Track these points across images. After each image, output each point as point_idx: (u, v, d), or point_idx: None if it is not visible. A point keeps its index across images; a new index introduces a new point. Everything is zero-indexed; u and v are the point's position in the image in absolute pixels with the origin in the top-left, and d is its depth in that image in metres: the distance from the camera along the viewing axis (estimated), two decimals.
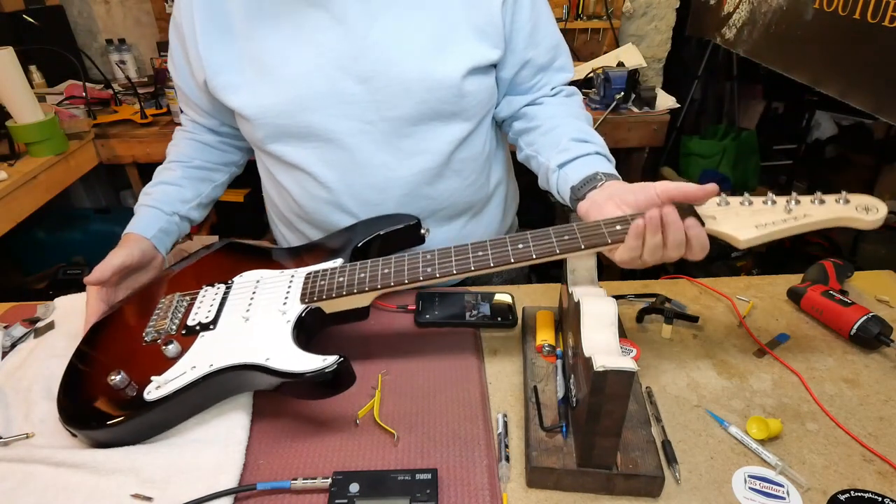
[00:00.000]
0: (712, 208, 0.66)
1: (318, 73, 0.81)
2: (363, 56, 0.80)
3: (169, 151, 1.01)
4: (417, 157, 0.87)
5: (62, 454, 0.64)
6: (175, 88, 0.98)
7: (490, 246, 0.68)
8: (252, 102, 0.84)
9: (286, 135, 0.85)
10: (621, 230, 0.66)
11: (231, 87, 0.85)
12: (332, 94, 0.82)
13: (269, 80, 0.82)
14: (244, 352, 0.67)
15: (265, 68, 0.82)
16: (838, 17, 1.46)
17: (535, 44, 0.88)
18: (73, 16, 2.43)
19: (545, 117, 0.91)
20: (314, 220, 0.93)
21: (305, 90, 0.82)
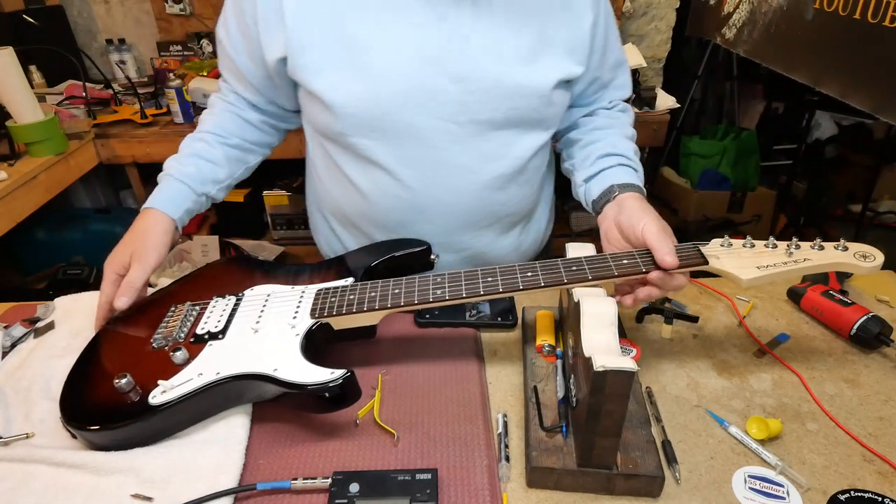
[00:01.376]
0: (716, 248, 0.69)
1: (414, 68, 0.79)
2: (461, 55, 0.79)
3: (204, 120, 0.94)
4: (496, 162, 0.86)
5: (62, 454, 0.64)
6: (224, 58, 0.90)
7: (500, 273, 0.70)
8: (339, 89, 0.79)
9: (369, 128, 0.81)
10: (628, 264, 0.68)
11: (316, 69, 0.79)
12: (426, 91, 0.79)
13: (360, 68, 0.78)
14: (252, 361, 0.67)
15: (358, 55, 0.78)
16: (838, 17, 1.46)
17: (604, 62, 0.91)
18: (73, 16, 2.43)
19: (588, 131, 0.94)
20: (383, 219, 0.90)
21: (399, 84, 0.79)
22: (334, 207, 0.97)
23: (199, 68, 2.28)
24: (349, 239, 0.99)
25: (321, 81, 0.80)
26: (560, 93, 0.86)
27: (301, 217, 2.38)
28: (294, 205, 2.35)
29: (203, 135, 0.92)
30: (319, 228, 1.05)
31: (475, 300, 0.71)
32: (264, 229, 2.46)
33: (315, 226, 1.07)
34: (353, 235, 0.97)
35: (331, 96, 0.80)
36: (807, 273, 0.68)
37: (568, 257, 0.72)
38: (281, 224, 2.39)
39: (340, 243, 1.00)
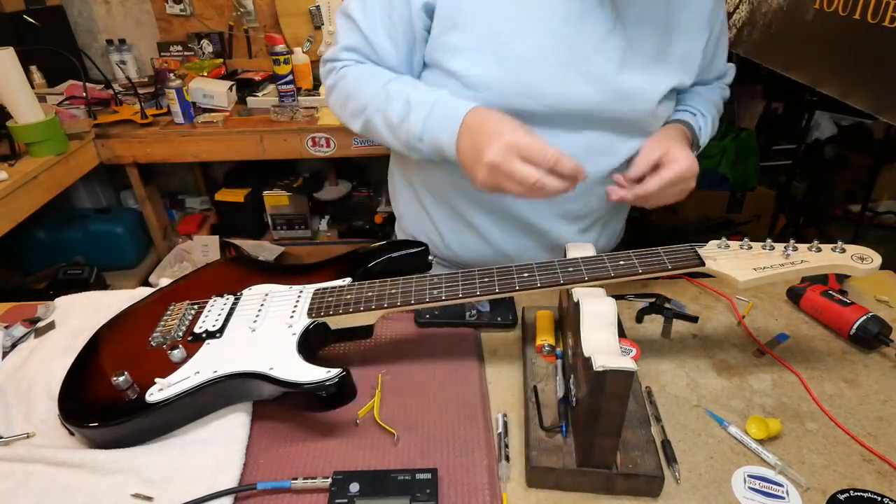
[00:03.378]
0: (713, 250, 0.69)
1: (551, 62, 0.78)
2: (597, 55, 0.79)
3: (359, 77, 0.85)
4: (605, 158, 0.87)
5: (62, 454, 0.64)
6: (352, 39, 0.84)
7: (496, 273, 0.70)
8: (477, 69, 0.78)
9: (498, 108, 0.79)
10: (625, 265, 0.68)
11: (455, 49, 0.79)
12: (560, 86, 0.80)
13: (498, 53, 0.78)
14: (249, 360, 0.68)
15: (499, 41, 0.78)
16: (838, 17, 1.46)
17: (709, 70, 0.96)
18: (73, 16, 2.43)
19: None
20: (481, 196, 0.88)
21: (536, 74, 0.79)
22: (431, 183, 0.94)
23: (200, 68, 2.28)
24: (441, 218, 0.96)
25: (459, 62, 0.79)
26: (667, 103, 0.88)
27: (301, 217, 2.38)
28: (294, 205, 2.35)
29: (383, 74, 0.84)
30: (410, 212, 1.01)
31: (472, 301, 0.71)
32: (264, 229, 2.46)
33: (404, 210, 1.04)
34: (446, 215, 0.95)
35: (472, 78, 0.78)
36: (804, 275, 0.68)
37: (566, 258, 0.72)
38: (281, 224, 2.40)
39: (431, 223, 0.98)
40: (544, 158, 0.67)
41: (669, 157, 0.78)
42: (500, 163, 0.68)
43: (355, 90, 0.84)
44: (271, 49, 2.07)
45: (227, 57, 2.46)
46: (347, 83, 0.85)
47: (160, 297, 0.84)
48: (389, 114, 0.79)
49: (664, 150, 0.79)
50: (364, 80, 0.83)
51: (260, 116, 2.08)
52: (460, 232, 0.96)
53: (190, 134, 2.00)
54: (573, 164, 0.69)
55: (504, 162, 0.68)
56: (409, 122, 0.77)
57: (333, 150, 2.02)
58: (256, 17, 2.38)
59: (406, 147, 0.81)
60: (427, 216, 0.98)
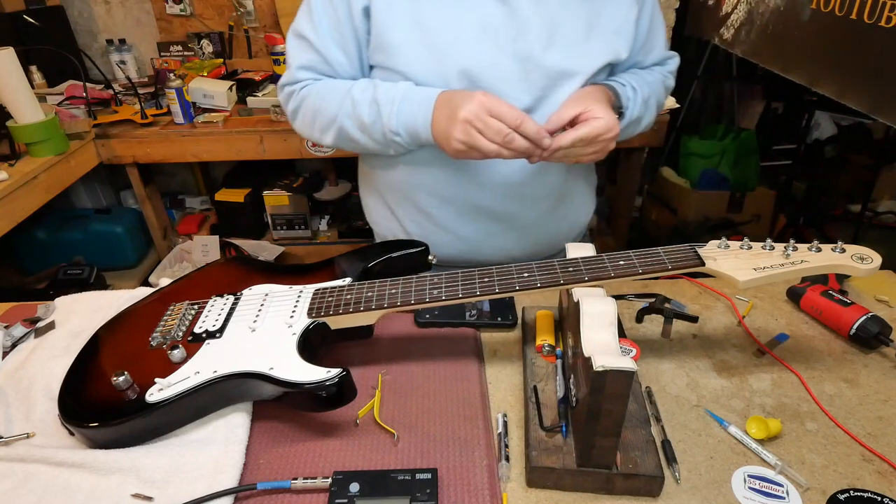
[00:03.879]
0: (713, 250, 0.69)
1: (481, 46, 0.82)
2: (521, 36, 0.82)
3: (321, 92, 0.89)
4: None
5: (63, 454, 0.64)
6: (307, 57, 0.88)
7: (496, 273, 0.70)
8: (415, 66, 0.82)
9: None
10: (625, 265, 0.68)
11: (397, 48, 0.83)
12: (492, 67, 0.82)
13: (431, 46, 0.82)
14: (249, 360, 0.68)
15: (429, 33, 0.82)
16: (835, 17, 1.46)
17: (646, 51, 0.95)
18: (73, 16, 2.43)
19: None
20: (438, 188, 0.91)
21: (468, 60, 0.81)
22: (395, 186, 0.97)
23: (200, 68, 2.28)
24: (407, 218, 0.99)
25: (398, 59, 0.83)
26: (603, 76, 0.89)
27: (301, 217, 2.38)
28: (294, 205, 2.35)
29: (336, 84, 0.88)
30: (377, 210, 1.05)
31: (472, 300, 0.71)
32: (264, 229, 2.46)
33: (371, 208, 1.07)
34: (412, 214, 0.98)
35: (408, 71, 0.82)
36: (804, 275, 0.68)
37: (566, 258, 0.72)
38: (281, 224, 2.40)
39: (400, 225, 1.01)
40: (512, 118, 0.72)
41: (588, 115, 0.77)
42: (474, 118, 0.73)
43: (320, 106, 0.88)
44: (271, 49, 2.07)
45: (227, 57, 2.46)
46: (311, 102, 0.89)
47: (160, 297, 0.84)
48: (360, 117, 0.84)
49: (583, 107, 0.77)
50: (326, 94, 0.87)
51: (260, 116, 2.07)
52: (426, 227, 0.97)
53: (190, 134, 2.00)
54: (537, 127, 0.74)
55: (477, 118, 0.73)
56: (383, 120, 0.82)
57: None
58: (256, 17, 2.38)
59: (383, 144, 0.86)
60: (396, 220, 1.01)
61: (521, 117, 0.72)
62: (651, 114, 0.95)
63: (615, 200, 2.51)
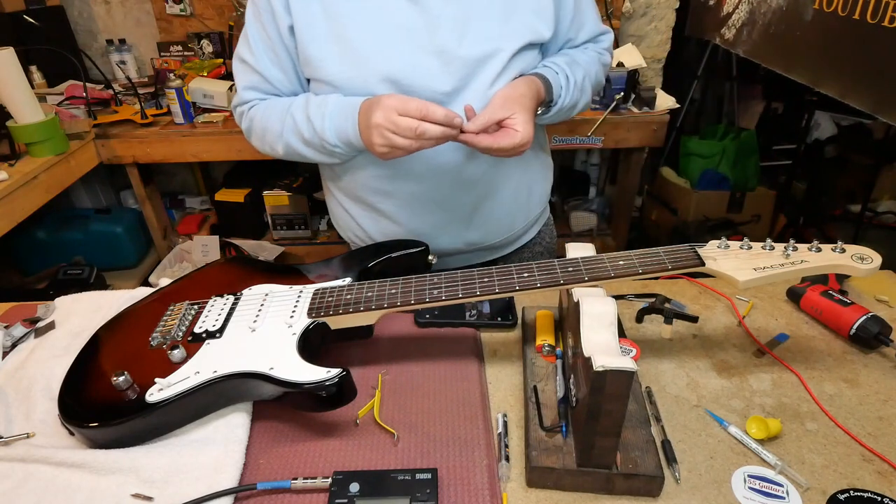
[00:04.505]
0: (713, 250, 0.69)
1: (397, 49, 0.84)
2: (435, 32, 0.84)
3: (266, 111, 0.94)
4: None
5: (63, 454, 0.64)
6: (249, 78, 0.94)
7: (496, 273, 0.70)
8: (339, 74, 0.86)
9: None
10: (625, 265, 0.68)
11: (320, 60, 0.86)
12: (412, 67, 0.84)
13: (350, 56, 0.85)
14: (249, 360, 0.68)
15: (347, 44, 0.85)
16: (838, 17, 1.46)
17: (575, 27, 0.96)
18: (73, 16, 2.43)
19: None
20: (400, 190, 0.94)
21: (387, 64, 0.84)
22: (345, 187, 1.01)
23: (200, 68, 2.28)
24: (359, 214, 1.01)
25: (323, 70, 0.86)
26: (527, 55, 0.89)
27: (301, 217, 2.38)
28: (294, 205, 2.35)
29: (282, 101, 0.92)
30: (337, 213, 1.09)
31: (472, 300, 0.71)
32: (264, 229, 2.46)
33: (333, 212, 1.11)
34: (362, 210, 1.00)
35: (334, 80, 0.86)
36: (804, 275, 0.68)
37: (566, 258, 0.72)
38: (281, 224, 2.40)
39: (353, 219, 1.03)
40: (417, 110, 0.75)
41: (511, 123, 0.79)
42: (384, 121, 0.76)
43: (266, 125, 0.92)
44: None
45: (227, 57, 2.46)
46: (258, 122, 0.94)
47: (160, 297, 0.84)
48: (301, 132, 0.88)
49: (510, 113, 0.80)
50: (270, 114, 0.92)
51: None
52: (380, 223, 0.99)
53: (190, 134, 2.00)
54: (443, 111, 0.75)
55: (387, 120, 0.76)
56: (319, 134, 0.86)
57: None
58: None
59: (327, 154, 0.89)
60: (349, 215, 1.04)
61: (425, 107, 0.75)
62: (587, 96, 0.96)
63: (615, 200, 2.51)
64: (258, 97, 0.95)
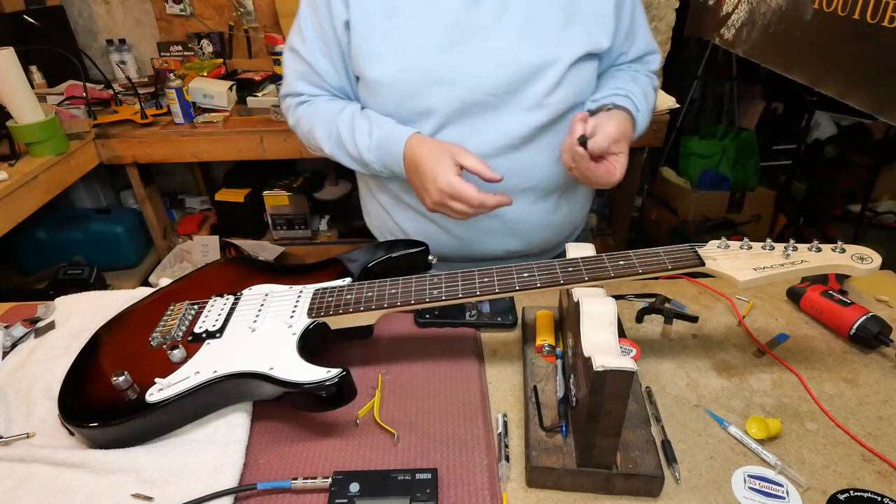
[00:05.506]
0: (713, 250, 0.69)
1: (451, 51, 0.84)
2: (493, 34, 0.83)
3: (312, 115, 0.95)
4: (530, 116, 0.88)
5: (63, 454, 0.64)
6: (298, 68, 0.95)
7: (496, 273, 0.70)
8: (388, 75, 0.86)
9: (405, 102, 0.87)
10: (625, 265, 0.68)
11: (373, 57, 0.86)
12: (464, 71, 0.84)
13: (402, 57, 0.85)
14: (249, 360, 0.68)
15: (400, 45, 0.85)
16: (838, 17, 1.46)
17: (629, 42, 0.96)
18: (73, 16, 2.43)
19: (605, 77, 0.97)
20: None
21: (439, 68, 0.84)
22: (382, 184, 1.01)
23: (200, 68, 2.28)
24: (404, 220, 1.01)
25: (374, 69, 0.87)
26: (585, 66, 0.89)
27: (301, 217, 2.38)
28: (294, 205, 2.35)
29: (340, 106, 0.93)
30: (374, 212, 1.08)
31: (472, 300, 0.71)
32: (264, 229, 2.46)
33: (368, 210, 1.11)
34: (408, 216, 1.00)
35: (383, 81, 0.87)
36: (804, 275, 0.68)
37: (566, 258, 0.72)
38: (281, 224, 2.40)
39: (393, 220, 1.03)
40: (470, 201, 0.78)
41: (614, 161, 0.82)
42: (439, 203, 0.81)
43: (312, 128, 0.95)
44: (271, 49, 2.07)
45: (227, 57, 2.46)
46: (304, 123, 0.96)
47: (160, 297, 0.84)
48: (348, 151, 0.91)
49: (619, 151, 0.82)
50: (315, 119, 0.94)
51: (260, 116, 2.07)
52: (418, 222, 0.99)
53: (190, 134, 2.00)
54: (496, 200, 0.79)
55: (441, 204, 0.81)
56: (365, 159, 0.89)
57: None
58: (256, 17, 2.38)
59: (372, 172, 0.92)
60: (387, 214, 1.03)
61: (479, 199, 0.78)
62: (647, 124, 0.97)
63: (615, 200, 2.51)
64: (307, 90, 0.96)
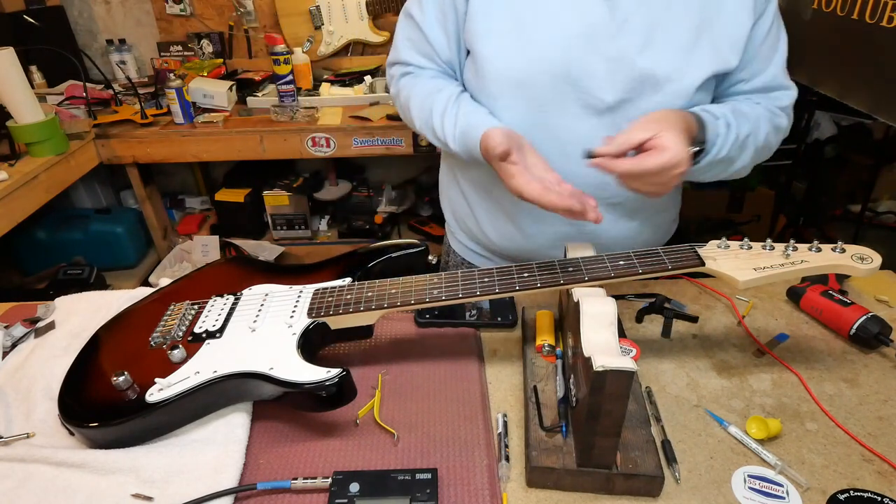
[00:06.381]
0: (713, 250, 0.69)
1: (572, 45, 0.79)
2: (620, 35, 0.78)
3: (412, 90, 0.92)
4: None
5: (63, 454, 0.64)
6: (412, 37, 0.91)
7: (496, 273, 0.70)
8: (500, 55, 0.82)
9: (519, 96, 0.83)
10: (625, 265, 0.68)
11: (487, 32, 0.82)
12: (578, 69, 0.79)
13: (520, 40, 0.81)
14: (249, 360, 0.68)
15: (522, 26, 0.80)
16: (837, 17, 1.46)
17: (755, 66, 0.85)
18: (73, 16, 2.43)
19: None
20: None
21: (557, 56, 0.79)
22: (474, 180, 0.98)
23: (200, 68, 2.28)
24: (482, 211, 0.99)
25: (487, 47, 0.83)
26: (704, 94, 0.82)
27: (301, 217, 2.38)
28: (294, 205, 2.35)
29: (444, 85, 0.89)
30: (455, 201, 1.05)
31: (472, 300, 0.71)
32: (264, 229, 2.46)
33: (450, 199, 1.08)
34: (487, 207, 0.98)
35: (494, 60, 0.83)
36: (804, 275, 0.68)
37: (566, 258, 0.72)
38: (281, 224, 2.40)
39: (472, 212, 1.01)
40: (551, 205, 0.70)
41: (656, 141, 0.68)
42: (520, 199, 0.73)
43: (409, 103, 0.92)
44: (271, 49, 2.07)
45: (227, 57, 2.46)
46: (403, 97, 0.94)
47: (160, 297, 0.84)
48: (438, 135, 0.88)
49: (654, 131, 0.68)
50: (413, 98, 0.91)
51: (260, 116, 2.08)
52: (496, 220, 0.97)
53: (190, 134, 2.01)
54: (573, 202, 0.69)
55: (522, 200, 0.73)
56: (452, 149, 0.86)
57: (333, 150, 2.02)
58: (256, 17, 2.38)
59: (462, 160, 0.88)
60: (467, 204, 1.01)
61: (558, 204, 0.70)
62: (748, 156, 0.83)
63: None
64: (415, 59, 0.92)
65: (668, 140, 0.67)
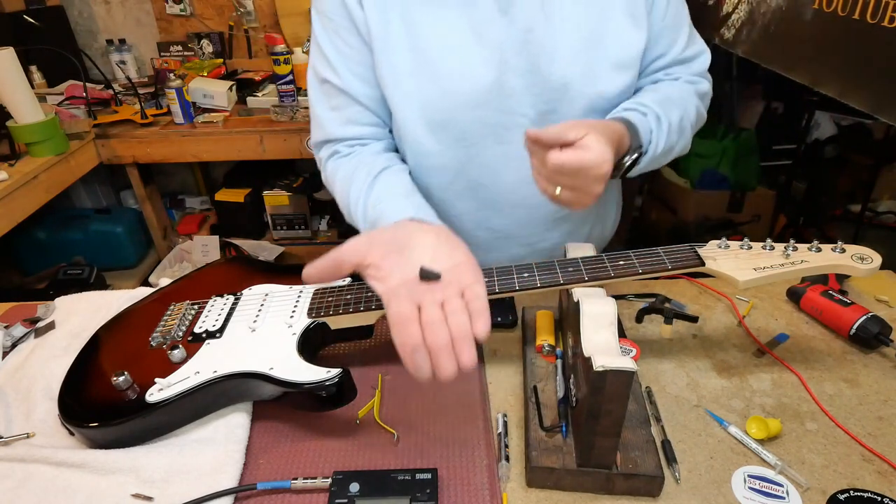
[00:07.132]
0: (713, 250, 0.69)
1: (485, 66, 0.77)
2: (524, 50, 0.77)
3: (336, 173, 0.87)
4: None
5: (63, 454, 0.64)
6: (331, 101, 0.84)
7: (496, 273, 0.70)
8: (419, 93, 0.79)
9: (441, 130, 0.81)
10: (625, 265, 0.68)
11: (393, 76, 0.79)
12: (494, 90, 0.78)
13: (427, 73, 0.78)
14: (249, 360, 0.68)
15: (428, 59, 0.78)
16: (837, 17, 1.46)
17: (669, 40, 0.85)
18: (73, 16, 2.43)
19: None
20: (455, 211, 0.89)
21: (467, 87, 0.78)
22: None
23: (200, 68, 2.28)
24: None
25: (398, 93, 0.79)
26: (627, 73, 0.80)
27: (301, 217, 2.38)
28: (294, 205, 2.35)
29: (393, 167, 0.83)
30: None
31: None
32: (264, 229, 2.46)
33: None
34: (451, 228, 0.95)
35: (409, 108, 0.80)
36: (804, 275, 0.68)
37: (566, 258, 0.72)
38: (281, 224, 2.40)
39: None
40: None
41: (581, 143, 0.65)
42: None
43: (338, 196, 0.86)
44: (271, 49, 2.07)
45: (227, 57, 2.46)
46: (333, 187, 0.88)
47: (160, 297, 0.84)
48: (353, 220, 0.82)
49: (580, 134, 0.65)
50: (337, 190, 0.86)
51: (260, 116, 2.08)
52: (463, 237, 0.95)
53: (190, 134, 2.01)
54: None
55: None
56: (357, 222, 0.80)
57: None
58: (256, 17, 2.39)
59: None
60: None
61: None
62: (686, 136, 0.85)
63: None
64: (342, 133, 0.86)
65: (593, 141, 0.65)
